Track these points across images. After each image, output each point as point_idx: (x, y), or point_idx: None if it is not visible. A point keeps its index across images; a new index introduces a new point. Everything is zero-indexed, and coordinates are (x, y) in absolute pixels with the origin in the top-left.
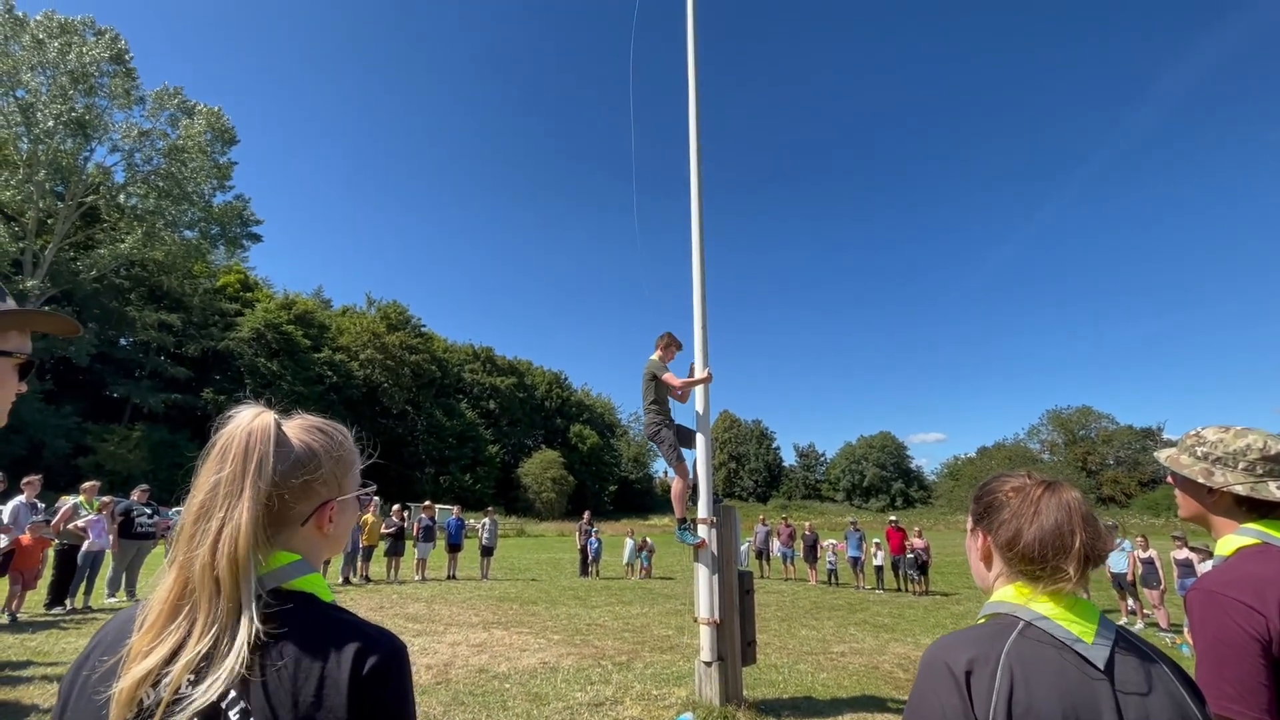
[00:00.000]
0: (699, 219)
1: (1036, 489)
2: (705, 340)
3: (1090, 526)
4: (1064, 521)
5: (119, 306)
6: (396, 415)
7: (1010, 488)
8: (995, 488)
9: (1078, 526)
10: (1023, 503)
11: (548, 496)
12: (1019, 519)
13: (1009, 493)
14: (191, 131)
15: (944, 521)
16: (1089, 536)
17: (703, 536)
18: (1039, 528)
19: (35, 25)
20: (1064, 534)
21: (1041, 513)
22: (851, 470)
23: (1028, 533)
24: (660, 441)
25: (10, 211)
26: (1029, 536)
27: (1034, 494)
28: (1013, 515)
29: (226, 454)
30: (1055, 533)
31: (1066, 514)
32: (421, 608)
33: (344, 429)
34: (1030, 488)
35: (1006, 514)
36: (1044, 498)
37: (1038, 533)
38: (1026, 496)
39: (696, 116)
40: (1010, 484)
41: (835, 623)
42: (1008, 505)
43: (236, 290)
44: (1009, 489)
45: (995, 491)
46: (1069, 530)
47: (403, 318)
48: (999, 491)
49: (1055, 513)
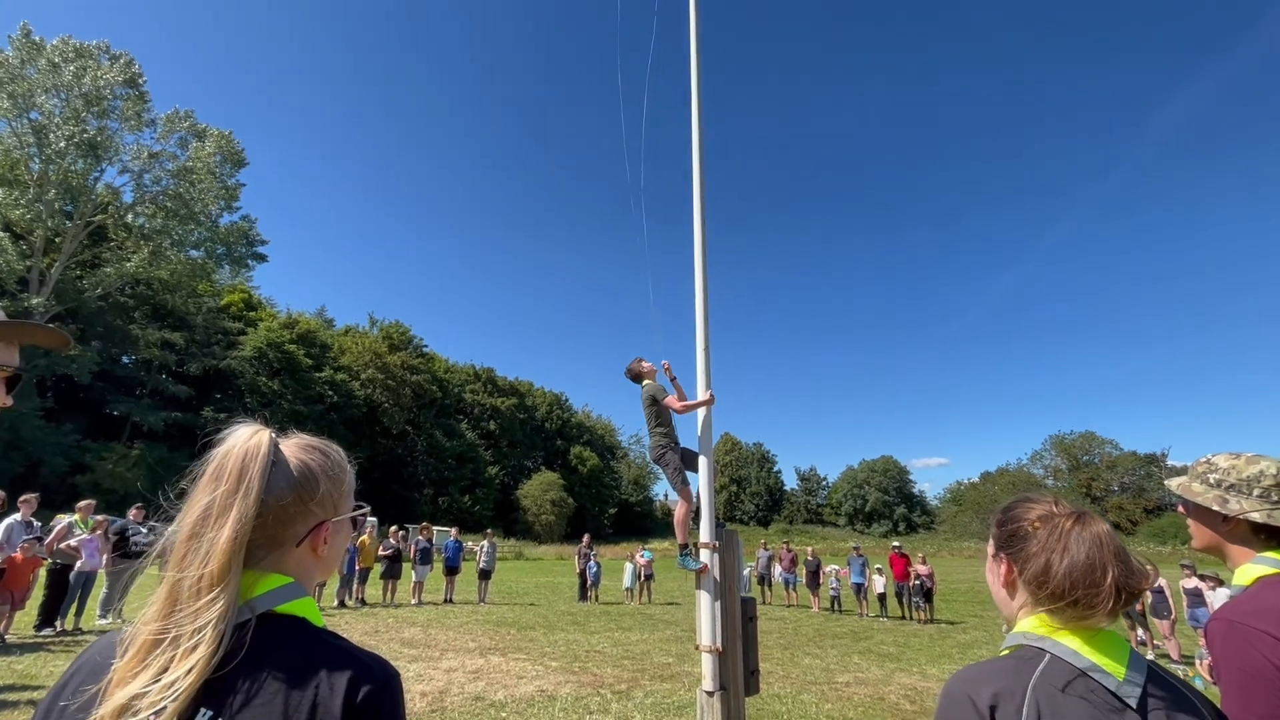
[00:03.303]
0: (701, 240)
1: (1065, 520)
2: (708, 362)
3: (1123, 562)
4: (1095, 556)
5: (122, 324)
6: (396, 435)
7: (1036, 516)
8: (1020, 515)
9: (1110, 561)
10: (1050, 535)
11: (547, 519)
12: (1048, 552)
13: (1035, 522)
14: (201, 154)
15: (948, 548)
16: (1122, 573)
17: (704, 562)
18: (1070, 563)
19: (52, 50)
20: (1095, 569)
21: (1071, 547)
22: (853, 494)
23: (1058, 567)
24: (665, 465)
25: (19, 230)
26: (1059, 571)
27: (1063, 525)
28: (1041, 548)
29: (221, 473)
30: (1087, 568)
31: (1098, 548)
32: (417, 632)
33: (340, 449)
34: (1058, 518)
35: (1034, 546)
36: (1073, 530)
37: (1069, 568)
38: (1055, 528)
39: (699, 137)
40: (1036, 512)
41: (839, 651)
42: (1034, 537)
43: (240, 309)
44: (1035, 518)
45: (1020, 519)
46: (1100, 565)
47: (405, 338)
48: (1024, 520)
49: (1086, 547)
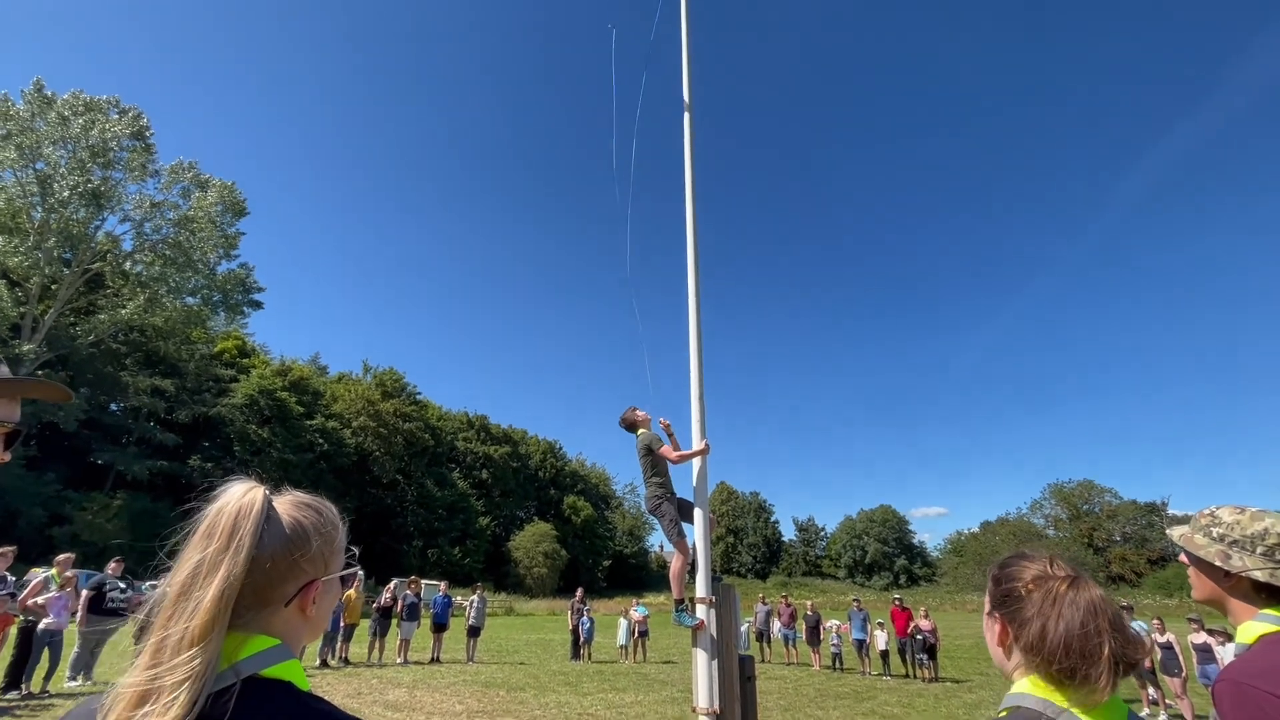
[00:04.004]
0: (695, 287)
1: (1060, 584)
2: (702, 410)
3: (1119, 631)
4: (1090, 624)
5: (113, 371)
6: (387, 485)
7: (1031, 578)
8: (1016, 574)
9: (1105, 630)
10: (1045, 599)
11: (539, 572)
12: (1043, 618)
13: (1030, 584)
14: (203, 203)
15: (950, 601)
16: (1119, 644)
17: (701, 618)
18: (1066, 630)
19: (63, 104)
20: (1090, 638)
21: (1065, 613)
22: (852, 546)
23: (1053, 635)
24: (661, 516)
25: (15, 277)
26: (1054, 640)
27: (1057, 589)
28: (1036, 613)
29: (213, 531)
30: (1082, 637)
31: (1093, 616)
32: (403, 694)
33: (333, 507)
34: (1053, 582)
35: (1029, 610)
36: (1068, 594)
37: (1064, 636)
38: (1049, 592)
39: (692, 182)
40: (1031, 571)
41: (841, 713)
42: (1029, 601)
43: (233, 356)
44: (1030, 579)
45: (1016, 579)
46: (1096, 634)
47: (398, 385)
48: (1020, 580)
49: (1081, 613)
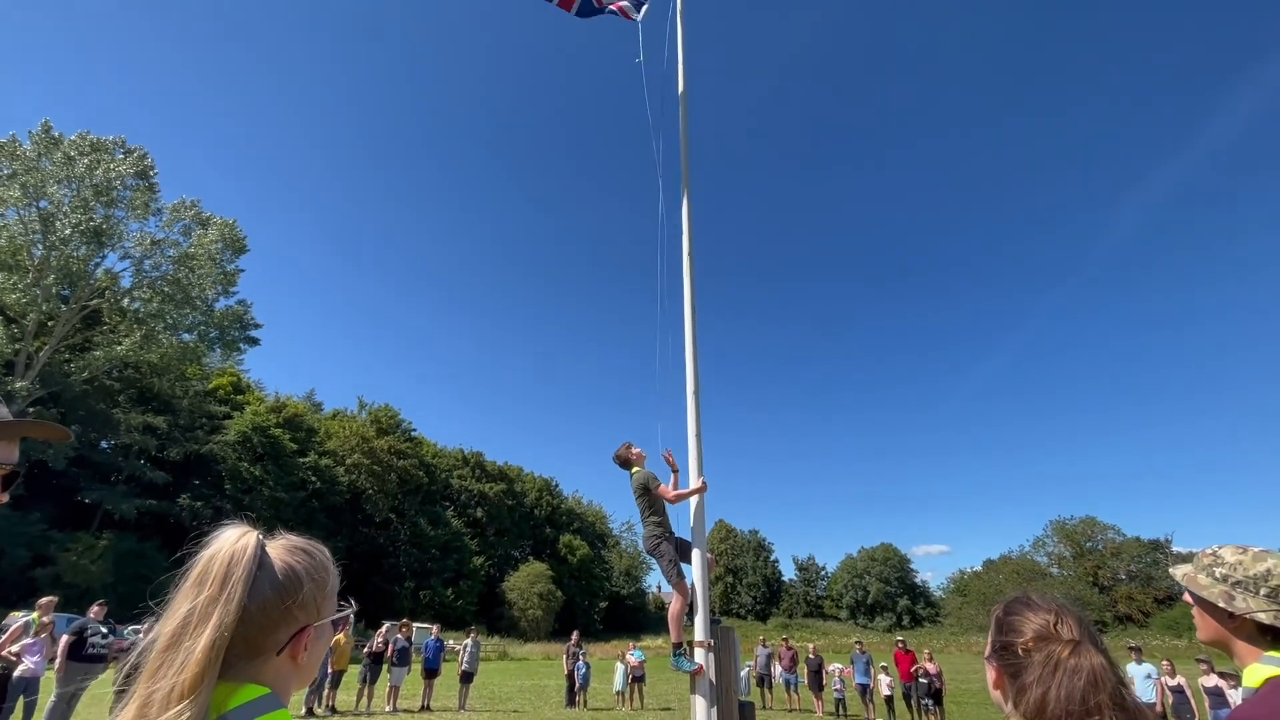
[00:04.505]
0: (692, 325)
1: (1063, 649)
2: (699, 447)
3: (1121, 709)
4: (1090, 698)
5: (105, 408)
6: (379, 524)
7: (1033, 635)
8: (1017, 625)
9: (1105, 707)
10: (1046, 664)
11: (534, 614)
12: (1043, 686)
13: (1031, 643)
14: (204, 241)
15: (955, 643)
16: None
17: (700, 662)
18: (1066, 700)
19: (69, 145)
20: (1090, 714)
21: (1064, 685)
22: (854, 585)
23: (1052, 706)
24: (660, 556)
25: (12, 313)
26: (1053, 712)
27: (1059, 654)
28: (1036, 680)
29: (205, 579)
30: (1081, 714)
31: (1093, 688)
32: None
33: (325, 550)
34: (1055, 645)
35: (1029, 676)
36: (1070, 661)
37: (1064, 708)
38: (1049, 657)
39: (689, 216)
40: (1033, 626)
41: None
42: (1029, 664)
43: (228, 393)
44: (1031, 636)
45: (1017, 631)
46: (1095, 710)
47: (393, 421)
48: (1021, 634)
49: (1082, 685)
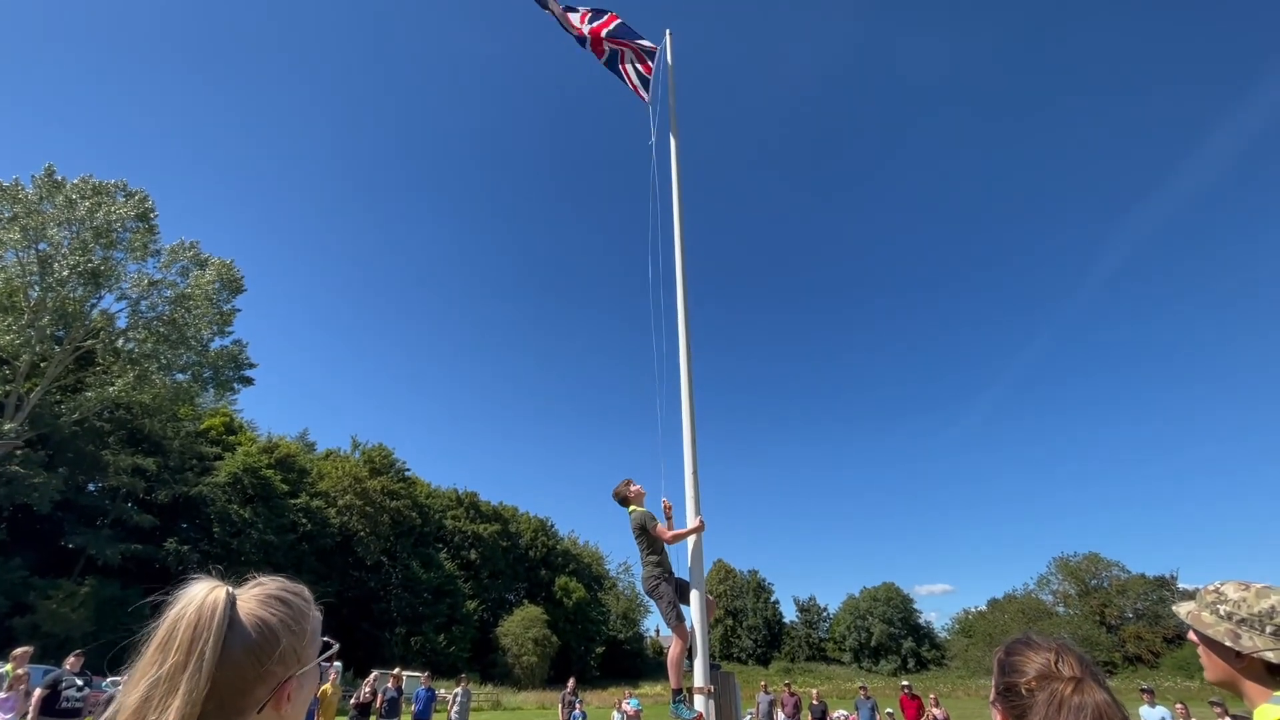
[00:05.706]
0: (687, 362)
1: (1065, 686)
2: (696, 486)
3: None
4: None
5: (94, 450)
6: (370, 567)
7: (1036, 674)
8: (1020, 665)
9: None
10: (1049, 704)
11: (529, 660)
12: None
13: (1033, 681)
14: (201, 281)
15: (962, 687)
16: None
17: (699, 710)
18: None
19: (71, 188)
20: None
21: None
22: (857, 627)
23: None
24: (659, 597)
25: (5, 355)
26: None
27: (1061, 692)
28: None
29: (169, 644)
30: None
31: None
32: None
33: (303, 590)
34: (1057, 683)
35: (1034, 718)
36: (1073, 699)
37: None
38: (1053, 695)
39: (682, 249)
40: (1035, 665)
41: None
42: (1033, 704)
43: (220, 433)
44: (1034, 675)
45: (1019, 671)
46: None
47: (387, 461)
48: (1023, 674)
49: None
